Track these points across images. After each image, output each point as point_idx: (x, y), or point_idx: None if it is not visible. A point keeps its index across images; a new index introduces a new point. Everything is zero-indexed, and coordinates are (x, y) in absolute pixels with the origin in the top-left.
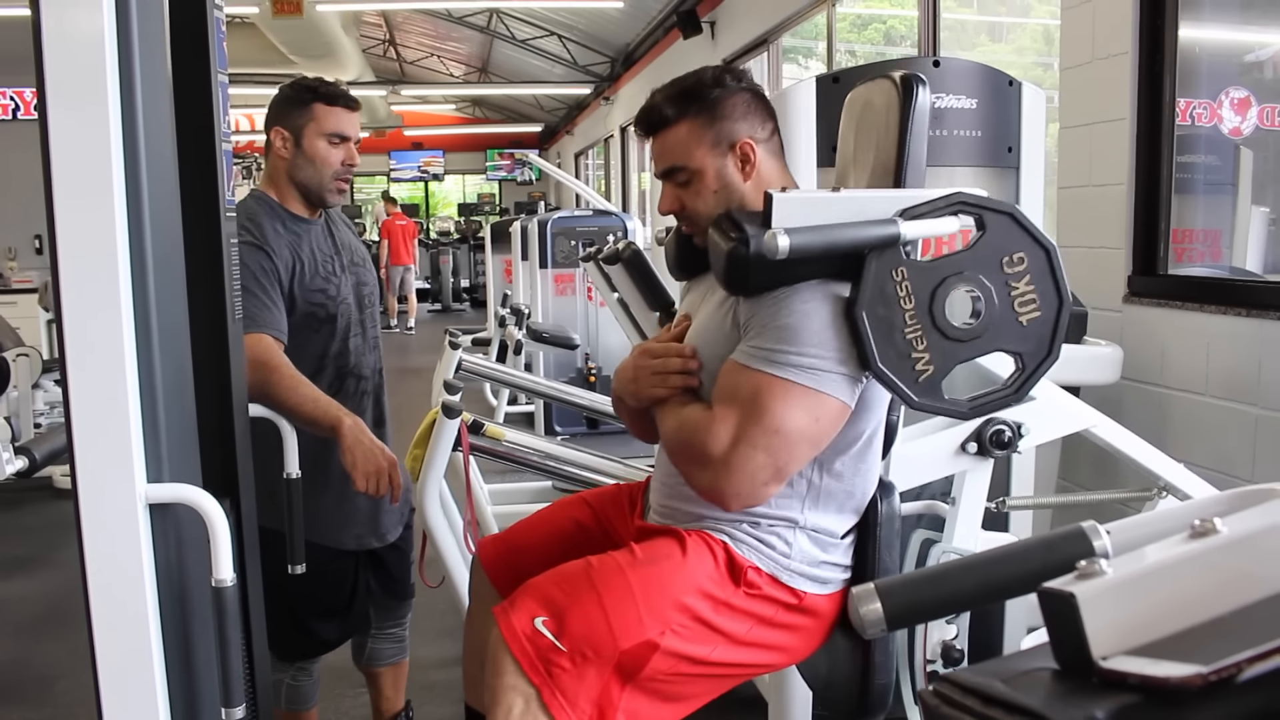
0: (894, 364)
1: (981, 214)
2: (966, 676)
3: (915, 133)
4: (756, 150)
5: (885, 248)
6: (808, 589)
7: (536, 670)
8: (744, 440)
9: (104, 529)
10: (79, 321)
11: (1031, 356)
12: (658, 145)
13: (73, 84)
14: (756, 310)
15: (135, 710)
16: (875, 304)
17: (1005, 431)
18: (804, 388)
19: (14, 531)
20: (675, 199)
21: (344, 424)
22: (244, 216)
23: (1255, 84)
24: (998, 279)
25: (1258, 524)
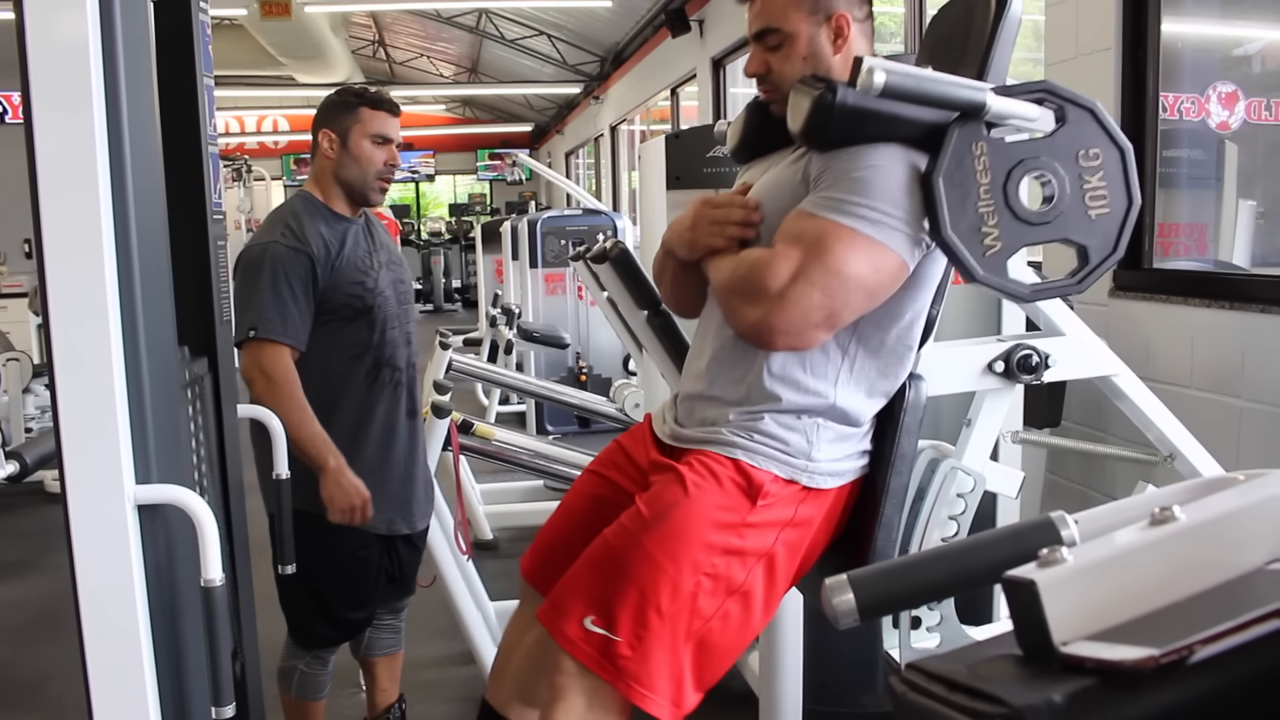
0: (964, 235)
1: (1064, 106)
2: (933, 663)
3: (1003, 40)
4: (851, 26)
5: (969, 119)
6: (827, 485)
7: (604, 668)
8: (803, 277)
9: (93, 530)
10: (66, 324)
11: (1097, 251)
12: (756, 6)
13: (57, 87)
14: (830, 163)
15: (125, 709)
16: (953, 173)
17: (1033, 356)
18: (868, 238)
19: (6, 536)
20: (763, 61)
21: (329, 465)
22: (287, 215)
23: (1243, 78)
24: (1072, 170)
25: (1215, 511)
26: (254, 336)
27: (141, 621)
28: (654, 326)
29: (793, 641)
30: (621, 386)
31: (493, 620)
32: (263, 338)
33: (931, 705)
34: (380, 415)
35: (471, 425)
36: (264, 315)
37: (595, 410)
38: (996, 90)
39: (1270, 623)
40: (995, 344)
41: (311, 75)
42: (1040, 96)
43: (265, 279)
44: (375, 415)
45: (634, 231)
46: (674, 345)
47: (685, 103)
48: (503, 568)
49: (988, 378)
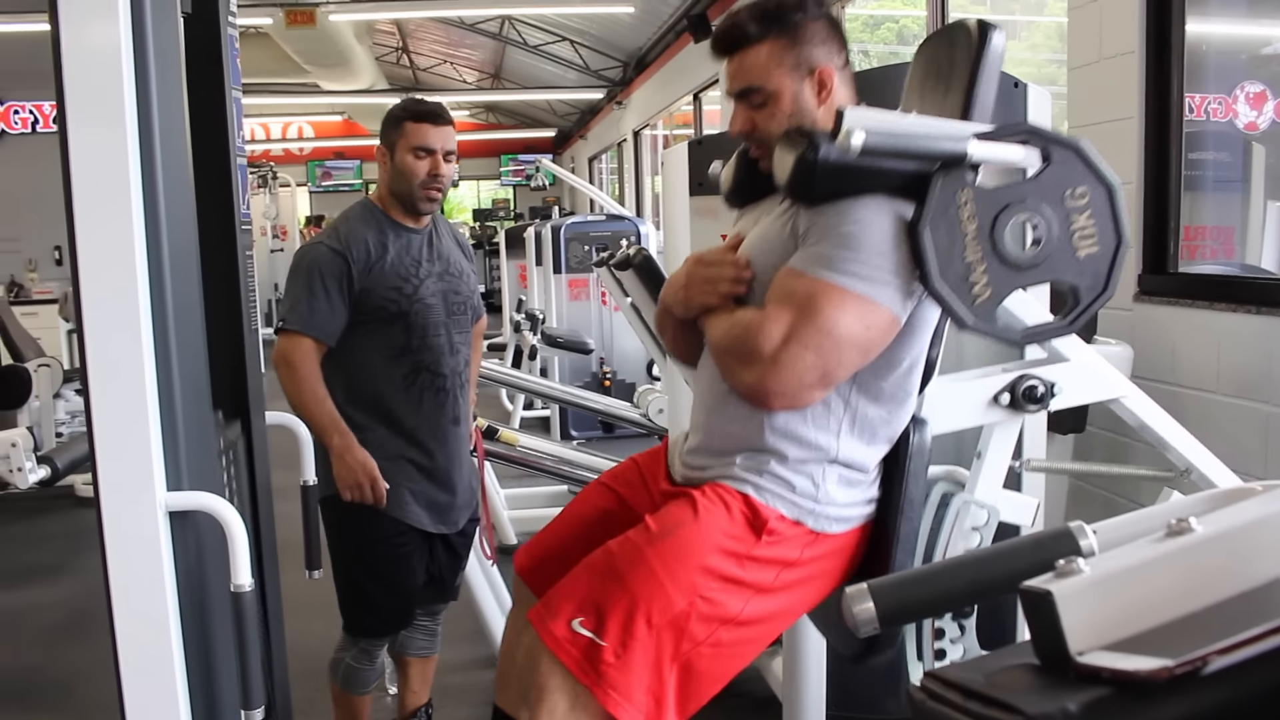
0: (953, 283)
1: (1048, 146)
2: (951, 672)
3: (986, 76)
4: (834, 77)
5: (952, 167)
6: (834, 530)
7: (585, 671)
8: (795, 339)
9: (125, 536)
10: (100, 333)
11: (1087, 290)
12: (735, 64)
13: (91, 98)
14: (817, 219)
15: (157, 710)
16: (938, 223)
17: (1038, 387)
18: (859, 295)
19: (36, 539)
20: (748, 119)
21: (334, 444)
22: (340, 220)
23: (1273, 77)
24: (1059, 211)
25: (1231, 522)
26: (282, 327)
27: (172, 625)
28: None
29: (816, 646)
30: (645, 392)
31: None
32: (289, 329)
33: (948, 713)
34: (420, 416)
35: (496, 431)
36: (294, 309)
37: (619, 415)
38: (979, 135)
39: None
40: (1000, 375)
41: (336, 82)
42: (1024, 138)
43: (302, 277)
44: (413, 415)
45: (657, 237)
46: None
47: (708, 107)
48: None
49: (994, 410)
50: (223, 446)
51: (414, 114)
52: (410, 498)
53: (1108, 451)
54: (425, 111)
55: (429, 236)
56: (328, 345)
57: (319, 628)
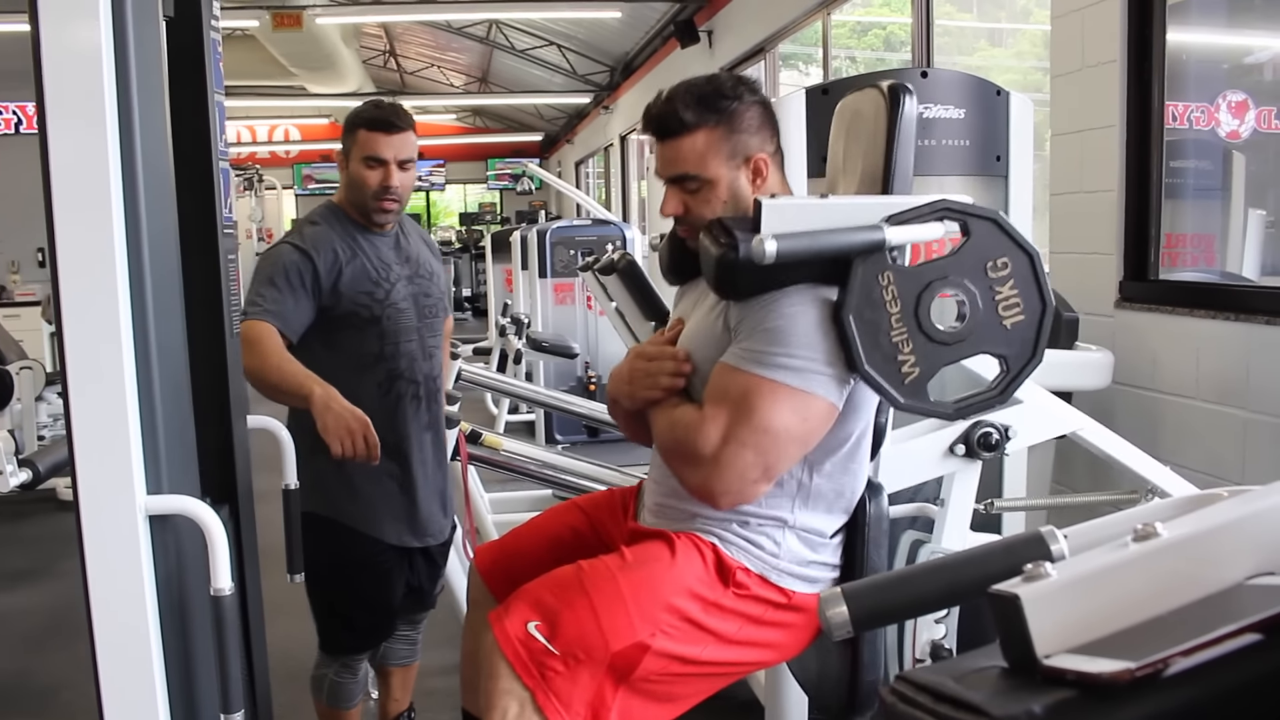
0: (880, 366)
1: (966, 220)
2: (921, 674)
3: (902, 141)
4: (768, 164)
5: (871, 253)
6: (796, 588)
7: (530, 674)
8: (733, 439)
9: (105, 540)
10: (79, 336)
11: (1016, 359)
12: (669, 150)
13: (71, 100)
14: (746, 314)
15: (136, 715)
16: (862, 307)
17: (993, 434)
18: (792, 388)
19: (18, 543)
20: (680, 203)
21: (314, 393)
22: (304, 221)
23: (1254, 87)
24: (982, 283)
25: (1196, 527)
26: (243, 318)
27: (152, 629)
28: None
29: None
30: None
31: None
32: (249, 318)
33: (917, 715)
34: (396, 427)
35: (480, 435)
36: (254, 301)
37: (603, 420)
38: (894, 219)
39: (1245, 636)
40: (953, 426)
41: (323, 85)
42: (940, 214)
43: (264, 273)
44: (389, 427)
45: (643, 242)
46: None
47: None
48: None
49: (950, 460)
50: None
51: (367, 121)
52: (389, 515)
53: (1089, 460)
54: (378, 119)
55: (396, 238)
56: (289, 338)
57: (301, 632)
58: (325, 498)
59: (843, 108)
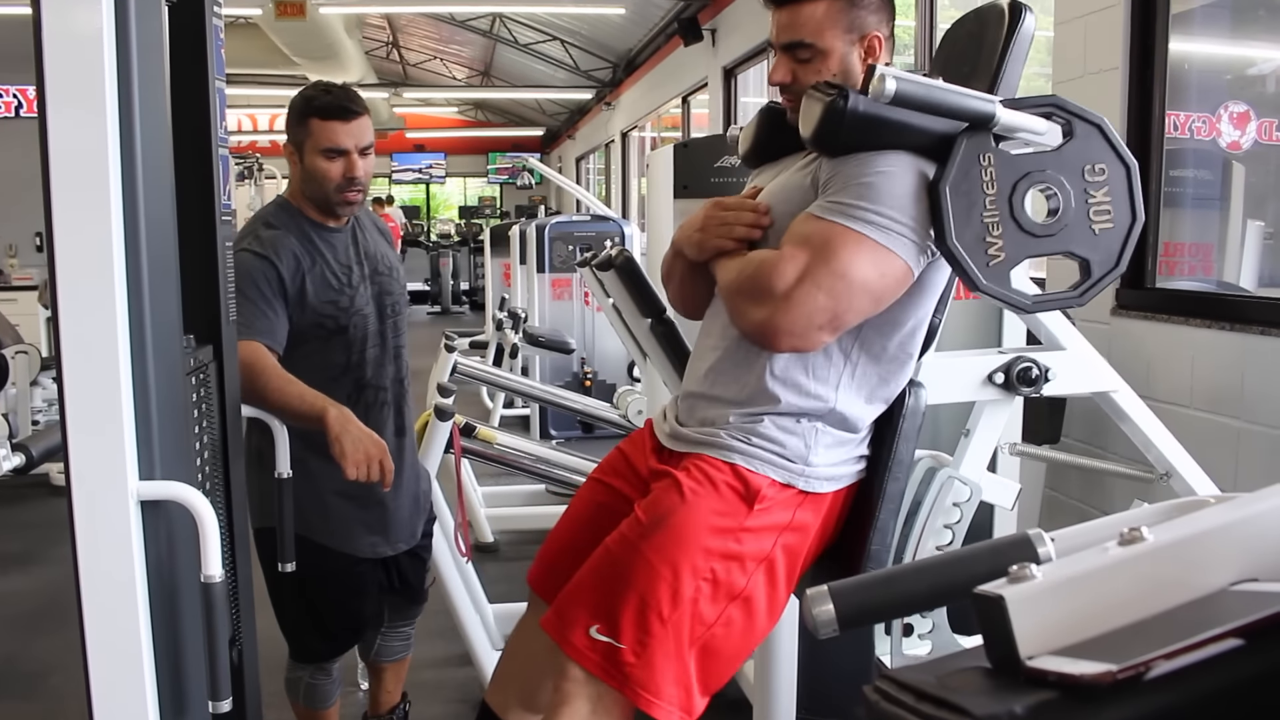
0: (968, 244)
1: (1072, 120)
2: (904, 673)
3: (1014, 55)
4: (881, 45)
5: (977, 131)
6: (823, 490)
7: (611, 675)
8: (809, 279)
9: (96, 524)
10: (74, 319)
11: (1100, 265)
12: (787, 15)
13: (72, 84)
14: (839, 169)
15: (124, 700)
16: (960, 183)
17: (1033, 370)
18: (875, 242)
19: (11, 528)
20: (790, 71)
21: (329, 414)
22: (259, 224)
23: (1256, 98)
24: (1077, 185)
25: (1182, 532)
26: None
27: (142, 615)
28: (657, 334)
29: (787, 649)
30: (625, 393)
31: (491, 623)
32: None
33: (900, 714)
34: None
35: (474, 428)
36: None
37: (598, 416)
38: (1006, 103)
39: (1227, 641)
40: (996, 356)
41: (325, 75)
42: (1049, 110)
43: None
44: None
45: (641, 239)
46: (676, 353)
47: (696, 110)
48: (503, 571)
49: (988, 389)
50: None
51: (321, 109)
52: (363, 530)
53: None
54: (333, 105)
55: (353, 232)
56: (277, 352)
57: None
58: (298, 515)
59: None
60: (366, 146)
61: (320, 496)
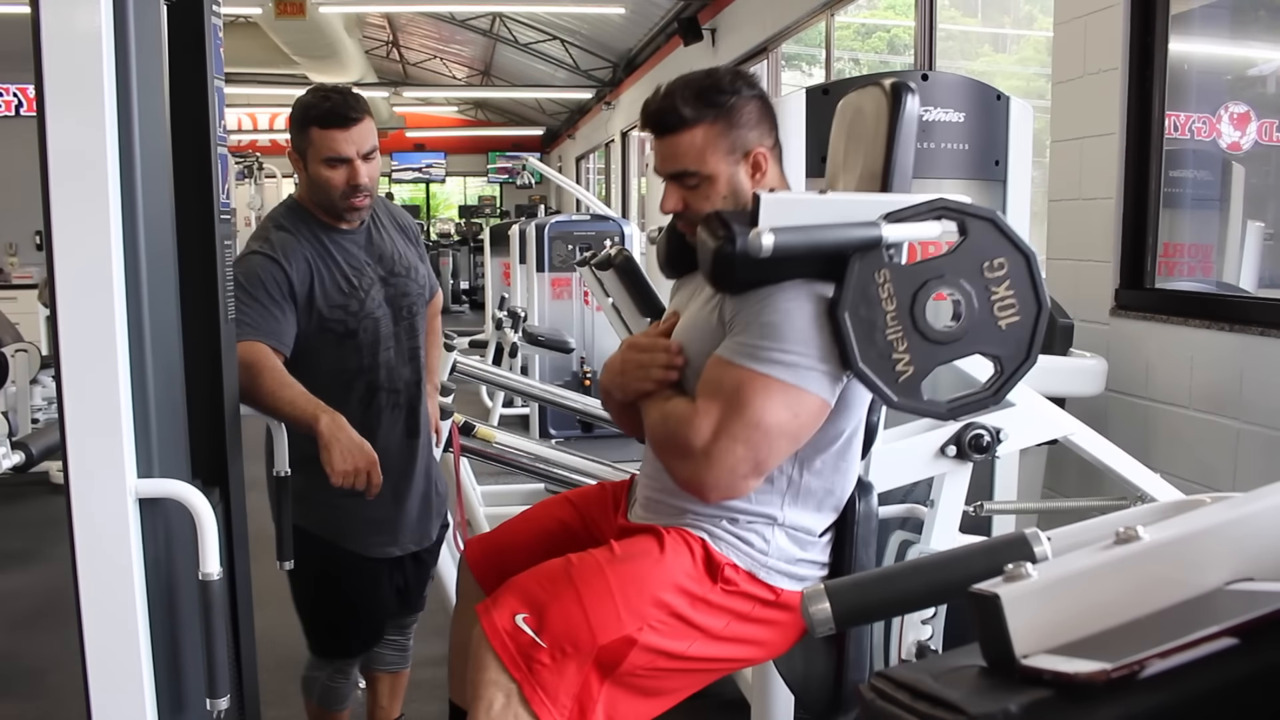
0: (875, 364)
1: (964, 219)
2: (900, 672)
3: (903, 140)
4: (768, 158)
5: (868, 249)
6: (785, 585)
7: (517, 666)
8: (725, 433)
9: (94, 522)
10: (73, 318)
11: (1010, 360)
12: (668, 146)
13: (70, 82)
14: (741, 308)
15: (122, 698)
16: (858, 304)
17: (984, 436)
18: (784, 384)
19: (10, 526)
20: (679, 199)
21: (321, 420)
22: (270, 225)
23: (1257, 99)
24: (978, 283)
25: (1176, 532)
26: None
27: (140, 613)
28: None
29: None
30: None
31: None
32: (241, 339)
33: (896, 712)
34: (378, 441)
35: (473, 427)
36: (240, 320)
37: (597, 415)
38: (892, 217)
39: (1220, 640)
40: (946, 427)
41: (325, 75)
42: (939, 213)
43: (241, 289)
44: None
45: (641, 238)
46: None
47: None
48: None
49: (941, 461)
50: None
51: (320, 117)
52: (372, 529)
53: (1080, 465)
54: (333, 113)
55: (368, 232)
56: (283, 353)
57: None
58: (302, 509)
59: (844, 105)
60: (369, 151)
61: (329, 495)
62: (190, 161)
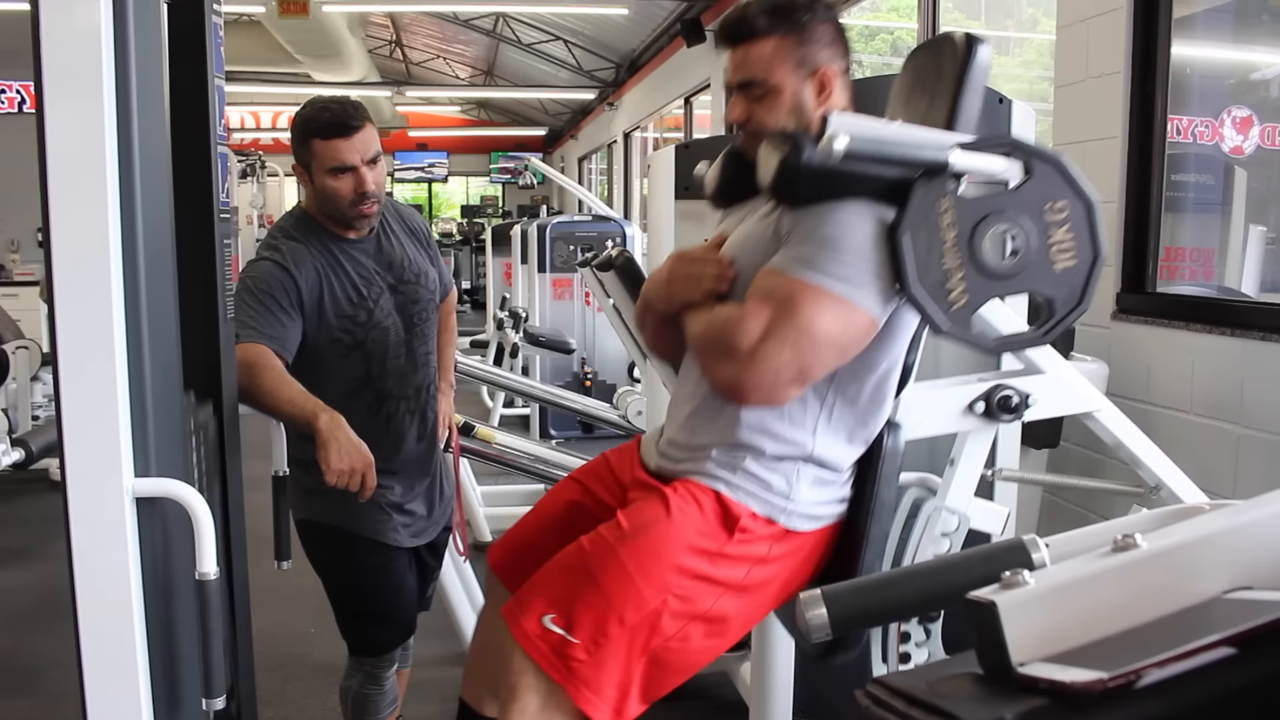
0: (930, 289)
1: (1030, 159)
2: (896, 679)
3: (970, 88)
4: (835, 80)
5: (934, 175)
6: (804, 528)
7: (555, 667)
8: (773, 335)
9: (91, 520)
10: (70, 316)
11: (1062, 303)
12: (739, 55)
13: (69, 79)
14: (799, 221)
15: (117, 698)
16: (918, 228)
17: (1013, 397)
18: (837, 296)
19: (10, 523)
20: (746, 110)
21: (319, 419)
22: (279, 233)
23: (1260, 103)
24: (1038, 224)
25: (1174, 540)
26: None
27: (136, 612)
28: None
29: (784, 650)
30: (625, 393)
31: None
32: (240, 340)
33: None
34: (387, 447)
35: (472, 427)
36: (245, 324)
37: (598, 416)
38: (962, 145)
39: (1218, 650)
40: (975, 384)
41: (328, 74)
42: (1007, 150)
43: (249, 294)
44: (381, 449)
45: (643, 239)
46: None
47: (699, 111)
48: None
49: (968, 418)
50: (193, 428)
51: (321, 128)
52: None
53: (1081, 467)
54: (334, 124)
55: (376, 241)
56: (285, 359)
57: (289, 618)
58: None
59: (911, 61)
60: (373, 157)
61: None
62: (190, 160)
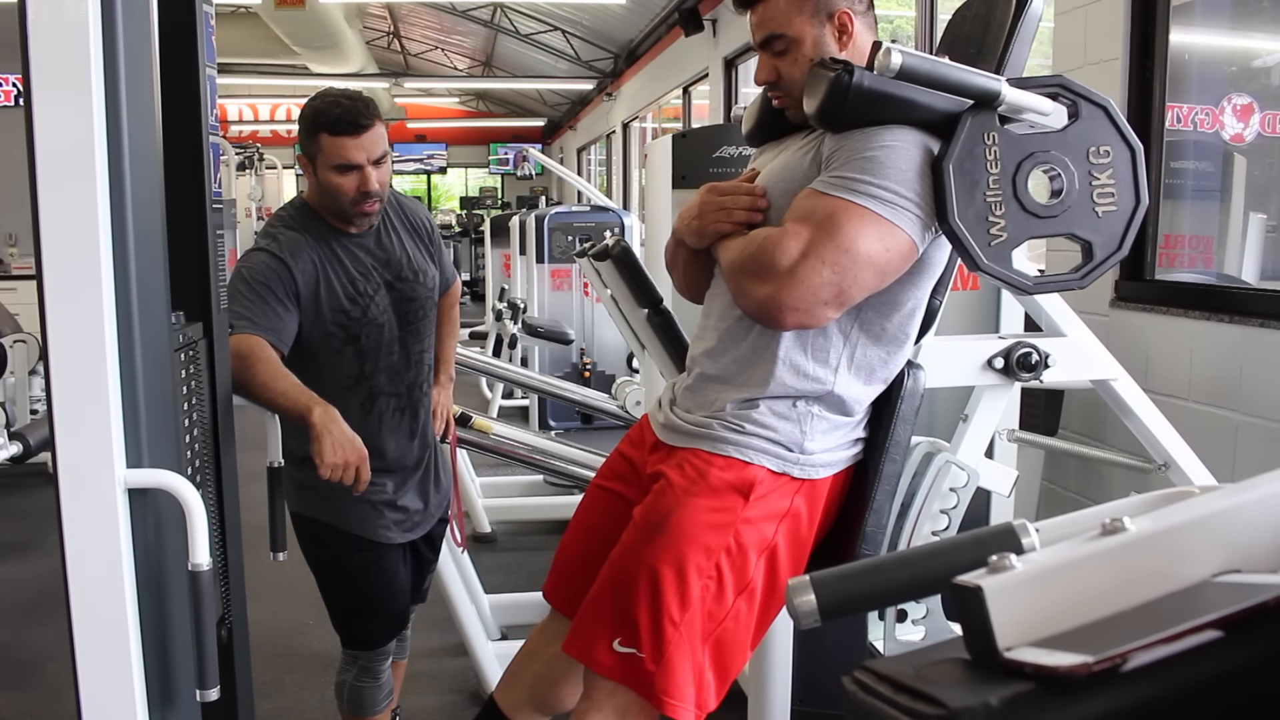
0: (970, 223)
1: (1078, 102)
2: (884, 665)
3: (1022, 36)
4: (855, 21)
5: (983, 108)
6: (820, 475)
7: (636, 683)
8: (813, 254)
9: (84, 512)
10: (61, 307)
11: (1102, 247)
12: (757, 14)
13: (57, 69)
14: (843, 144)
15: (111, 689)
16: (964, 160)
17: (1033, 355)
18: (879, 216)
19: (8, 516)
20: (772, 68)
21: (314, 412)
22: (278, 222)
23: (1261, 90)
24: (1082, 167)
25: (1163, 523)
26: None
27: (129, 603)
28: (654, 325)
29: (782, 642)
30: (623, 384)
31: (486, 613)
32: (236, 331)
33: (877, 705)
34: (381, 443)
35: (470, 418)
36: (241, 315)
37: (596, 407)
38: (1012, 82)
39: (1206, 633)
40: (996, 340)
41: (325, 65)
42: (1055, 91)
43: (245, 284)
44: (375, 445)
45: (641, 229)
46: (673, 343)
47: (697, 101)
48: (499, 561)
49: (987, 374)
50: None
51: (329, 125)
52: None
53: (1079, 462)
54: (343, 120)
55: (376, 236)
56: (281, 351)
57: (284, 609)
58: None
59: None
60: (380, 156)
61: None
62: (182, 150)
